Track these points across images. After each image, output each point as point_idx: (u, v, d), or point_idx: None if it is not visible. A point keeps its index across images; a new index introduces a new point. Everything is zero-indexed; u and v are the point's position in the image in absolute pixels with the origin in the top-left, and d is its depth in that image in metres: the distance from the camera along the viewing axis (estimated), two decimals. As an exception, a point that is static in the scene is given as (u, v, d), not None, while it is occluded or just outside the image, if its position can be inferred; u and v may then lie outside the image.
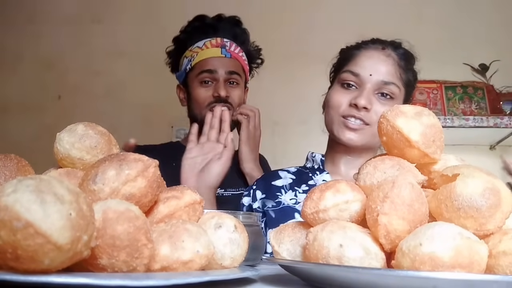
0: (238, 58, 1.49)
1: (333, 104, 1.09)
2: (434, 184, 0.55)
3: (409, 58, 1.13)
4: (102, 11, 2.50)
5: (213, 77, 1.43)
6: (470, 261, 0.42)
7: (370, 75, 1.06)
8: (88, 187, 0.46)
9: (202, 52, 1.45)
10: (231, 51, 1.47)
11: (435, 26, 2.37)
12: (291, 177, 1.17)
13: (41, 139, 2.16)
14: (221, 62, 1.43)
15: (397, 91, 1.08)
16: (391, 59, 1.09)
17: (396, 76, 1.08)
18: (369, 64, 1.08)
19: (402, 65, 1.10)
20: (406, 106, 0.57)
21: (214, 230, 0.51)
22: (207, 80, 1.43)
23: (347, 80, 1.08)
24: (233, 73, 1.45)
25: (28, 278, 0.34)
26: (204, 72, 1.43)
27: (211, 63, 1.43)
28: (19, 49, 2.47)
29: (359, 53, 1.11)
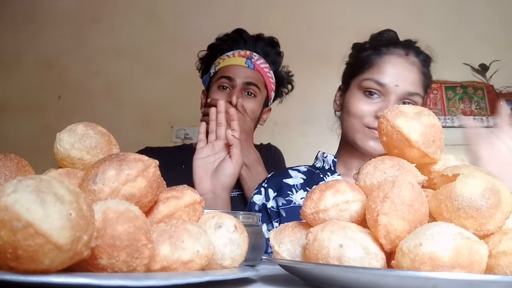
0: (261, 72, 1.46)
1: (355, 113, 1.07)
2: (434, 184, 0.55)
3: (429, 62, 1.12)
4: (102, 11, 2.50)
5: (231, 84, 1.42)
6: (470, 261, 0.42)
7: (396, 86, 1.04)
8: (88, 187, 0.46)
9: (228, 60, 1.45)
10: (256, 64, 1.45)
11: (435, 26, 2.38)
12: (302, 177, 1.15)
13: (41, 139, 2.17)
14: (242, 71, 1.42)
15: (420, 100, 1.07)
16: (415, 67, 1.07)
17: (420, 85, 1.07)
18: (395, 73, 1.05)
19: (425, 71, 1.09)
20: (406, 106, 0.57)
21: (214, 230, 0.51)
22: (225, 85, 1.42)
23: (370, 89, 1.05)
24: (251, 84, 1.42)
25: (28, 278, 0.34)
26: (223, 77, 1.43)
27: (232, 70, 1.43)
28: (19, 49, 2.47)
29: (383, 60, 1.07)
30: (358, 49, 1.15)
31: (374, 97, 1.05)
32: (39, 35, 2.47)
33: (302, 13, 2.40)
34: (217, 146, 1.15)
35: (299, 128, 2.33)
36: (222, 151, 1.14)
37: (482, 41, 2.33)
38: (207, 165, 1.12)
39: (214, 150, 1.14)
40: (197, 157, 1.13)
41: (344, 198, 0.53)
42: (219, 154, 1.14)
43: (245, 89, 1.42)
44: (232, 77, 1.41)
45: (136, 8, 2.51)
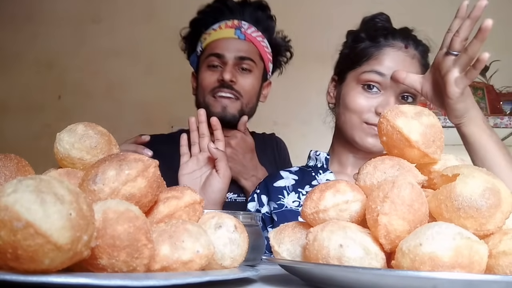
0: (255, 42, 1.30)
1: (354, 108, 1.02)
2: (434, 184, 0.55)
3: (427, 53, 1.08)
4: (102, 11, 2.50)
5: (221, 61, 1.26)
6: (470, 261, 0.42)
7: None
8: (88, 187, 0.46)
9: (214, 33, 1.29)
10: (247, 33, 1.29)
11: (435, 26, 2.37)
12: (294, 178, 1.12)
13: (41, 139, 2.16)
14: (232, 44, 1.27)
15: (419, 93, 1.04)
16: (416, 61, 1.04)
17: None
18: (396, 67, 1.00)
19: (423, 63, 1.06)
20: (406, 106, 0.57)
21: (214, 230, 0.51)
22: (215, 64, 1.27)
23: (371, 81, 1.01)
24: (245, 59, 1.27)
25: (28, 278, 0.34)
26: (211, 55, 1.27)
27: (220, 45, 1.27)
28: (19, 49, 2.47)
29: (382, 52, 1.03)
30: (353, 39, 1.10)
31: (373, 91, 1.01)
32: (39, 35, 2.47)
33: (301, 13, 2.40)
34: (202, 159, 1.07)
35: (299, 128, 2.33)
36: (208, 165, 1.07)
37: (482, 41, 2.32)
38: (194, 181, 1.05)
39: (199, 163, 1.07)
40: (183, 173, 1.06)
41: (344, 198, 0.53)
42: (205, 168, 1.07)
43: (238, 64, 1.27)
44: (222, 53, 1.26)
45: (135, 8, 2.51)
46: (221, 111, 1.24)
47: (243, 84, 1.26)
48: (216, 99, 1.25)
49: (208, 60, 1.28)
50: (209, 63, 1.27)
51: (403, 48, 1.04)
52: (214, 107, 1.25)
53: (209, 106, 1.25)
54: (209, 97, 1.26)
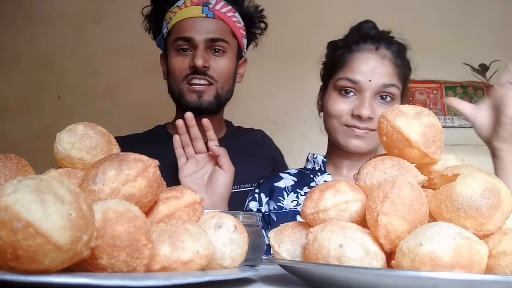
0: (226, 19, 1.20)
1: (334, 114, 1.07)
2: (434, 184, 0.55)
3: (402, 52, 1.10)
4: (102, 11, 2.50)
5: (191, 45, 1.18)
6: (470, 261, 0.42)
7: (370, 81, 1.04)
8: (88, 187, 0.46)
9: (180, 12, 1.19)
10: (215, 10, 1.19)
11: (435, 26, 2.37)
12: (293, 179, 1.15)
13: (41, 139, 2.16)
14: (201, 25, 1.17)
15: (397, 91, 1.07)
16: (387, 60, 1.06)
17: (395, 76, 1.06)
18: (367, 70, 1.05)
19: (398, 62, 1.08)
20: (406, 106, 0.57)
21: (214, 230, 0.51)
22: (184, 47, 1.18)
23: (345, 87, 1.06)
24: (217, 40, 1.18)
25: (28, 278, 0.34)
26: (179, 39, 1.18)
27: (188, 27, 1.17)
28: (18, 49, 2.47)
29: (354, 57, 1.07)
30: (332, 47, 1.14)
31: (350, 95, 1.06)
32: (39, 35, 2.47)
33: (300, 13, 2.40)
34: (201, 160, 1.05)
35: (299, 128, 2.33)
36: (208, 163, 1.05)
37: (482, 41, 2.33)
38: (198, 181, 1.04)
39: (198, 164, 1.05)
40: (184, 175, 1.03)
41: (344, 198, 0.53)
42: (206, 168, 1.05)
43: (210, 47, 1.18)
44: (190, 36, 1.16)
45: (136, 8, 2.50)
46: (197, 99, 1.18)
47: (217, 68, 1.19)
48: (190, 86, 1.18)
49: (176, 44, 1.19)
50: (178, 47, 1.19)
51: (373, 50, 1.07)
52: (188, 96, 1.19)
53: (184, 95, 1.19)
54: (182, 85, 1.19)
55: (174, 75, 1.21)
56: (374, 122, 1.03)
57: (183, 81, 1.19)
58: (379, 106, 1.05)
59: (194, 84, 1.18)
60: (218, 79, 1.20)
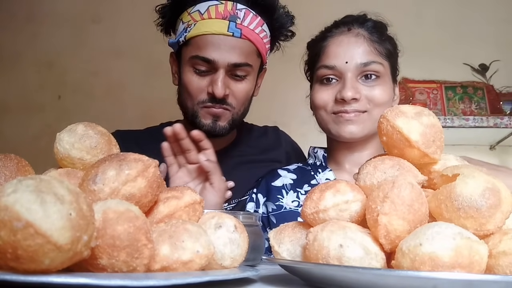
0: (253, 39, 1.07)
1: (319, 104, 1.04)
2: (434, 184, 0.55)
3: (380, 28, 1.06)
4: (102, 11, 2.50)
5: (210, 66, 1.05)
6: (470, 261, 0.42)
7: (346, 63, 1.00)
8: (88, 187, 0.46)
9: (202, 24, 1.05)
10: (243, 27, 1.05)
11: (435, 26, 2.37)
12: (292, 177, 1.11)
13: (41, 139, 2.16)
14: (225, 45, 1.04)
15: (381, 67, 1.02)
16: (361, 37, 1.03)
17: (373, 52, 1.02)
18: (341, 52, 1.01)
19: (375, 38, 1.04)
20: (406, 106, 0.57)
21: (214, 230, 0.51)
22: (202, 69, 1.06)
23: (325, 76, 1.02)
24: (240, 65, 1.06)
25: (28, 278, 0.34)
26: (198, 58, 1.05)
27: (210, 46, 1.03)
28: (18, 49, 2.47)
29: (327, 43, 1.04)
30: (309, 44, 1.12)
31: (332, 82, 1.02)
32: (39, 35, 2.47)
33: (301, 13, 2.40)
34: (193, 170, 0.98)
35: (299, 128, 2.32)
36: (200, 176, 0.98)
37: (482, 41, 2.33)
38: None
39: (191, 175, 0.98)
40: (176, 184, 0.96)
41: (344, 198, 0.53)
42: (198, 180, 0.98)
43: (231, 71, 1.06)
44: (212, 59, 1.03)
45: (136, 8, 2.50)
46: (211, 123, 1.10)
47: (236, 93, 1.09)
48: (206, 109, 1.09)
49: (193, 62, 1.06)
50: (196, 66, 1.06)
51: (346, 32, 1.05)
52: (204, 118, 1.10)
53: (198, 116, 1.10)
54: (198, 107, 1.10)
55: (188, 94, 1.10)
56: (362, 103, 1.00)
57: (198, 103, 1.09)
58: (364, 86, 1.01)
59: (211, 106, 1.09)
60: (236, 106, 1.11)
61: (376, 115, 1.00)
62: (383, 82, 1.03)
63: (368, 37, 1.03)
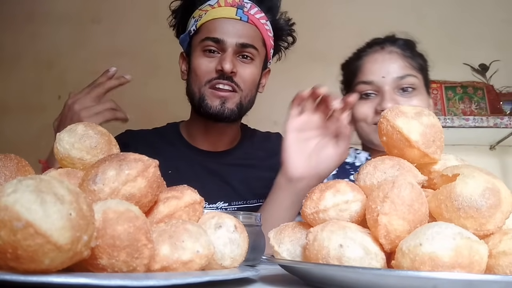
0: (259, 25, 1.14)
1: (359, 117, 1.09)
2: (434, 184, 0.55)
3: (411, 45, 1.13)
4: (102, 11, 2.50)
5: (219, 47, 1.11)
6: (470, 261, 0.42)
7: (383, 77, 1.06)
8: (88, 187, 0.46)
9: (212, 11, 1.13)
10: (250, 14, 1.13)
11: (435, 26, 2.37)
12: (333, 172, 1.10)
13: (41, 139, 2.16)
14: (234, 27, 1.11)
15: (415, 80, 1.08)
16: (394, 54, 1.09)
17: (407, 67, 1.08)
18: (377, 68, 1.08)
19: (408, 54, 1.10)
20: (406, 106, 0.57)
21: (214, 230, 0.51)
22: (212, 49, 1.11)
23: (363, 91, 1.08)
24: (247, 46, 1.12)
25: (28, 278, 0.34)
26: (208, 39, 1.11)
27: (220, 27, 1.11)
28: (18, 49, 2.47)
29: (363, 62, 1.11)
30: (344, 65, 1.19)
31: (371, 97, 1.08)
32: (39, 35, 2.47)
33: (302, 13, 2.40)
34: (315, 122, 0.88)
35: (299, 128, 2.33)
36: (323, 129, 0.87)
37: (482, 41, 2.32)
38: (304, 143, 0.87)
39: (311, 123, 0.87)
40: (292, 126, 0.87)
41: (344, 198, 0.53)
42: (318, 131, 0.87)
43: (239, 52, 1.12)
44: (221, 39, 1.10)
45: (136, 8, 2.50)
46: (219, 105, 1.12)
47: (243, 75, 1.12)
48: (213, 91, 1.12)
49: (203, 44, 1.12)
50: (205, 48, 1.12)
51: (380, 50, 1.11)
52: (211, 100, 1.13)
53: (205, 99, 1.13)
54: (205, 88, 1.13)
55: (197, 76, 1.14)
56: None
57: (206, 84, 1.12)
58: (402, 98, 1.06)
59: (218, 89, 1.12)
60: (243, 88, 1.14)
61: None
62: (419, 94, 1.09)
63: (401, 53, 1.10)
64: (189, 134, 1.29)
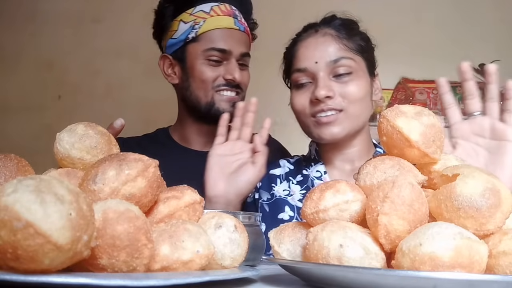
0: (248, 34, 1.24)
1: (297, 109, 1.04)
2: (434, 184, 0.55)
3: (348, 25, 1.06)
4: (102, 11, 2.50)
5: (224, 56, 1.18)
6: (470, 261, 0.42)
7: (316, 63, 0.99)
8: (88, 187, 0.46)
9: (212, 20, 1.18)
10: (243, 23, 1.22)
11: (435, 26, 2.37)
12: (289, 167, 1.13)
13: (41, 139, 2.16)
14: (236, 39, 1.19)
15: (352, 62, 1.00)
16: (328, 36, 1.02)
17: (342, 49, 1.01)
18: (310, 53, 1.01)
19: (343, 35, 1.03)
20: (406, 106, 0.57)
21: (214, 230, 0.51)
22: (217, 59, 1.18)
23: (299, 80, 1.03)
24: (246, 55, 1.22)
25: (28, 278, 0.34)
26: (214, 49, 1.17)
27: (225, 38, 1.18)
28: (19, 49, 2.47)
29: (297, 47, 1.05)
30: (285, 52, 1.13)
31: (306, 85, 1.02)
32: (39, 35, 2.47)
33: (300, 12, 2.40)
34: (238, 147, 0.99)
35: (299, 128, 2.32)
36: (243, 154, 0.99)
37: (482, 41, 2.33)
38: (225, 165, 0.96)
39: (233, 149, 0.99)
40: (215, 152, 0.98)
41: (344, 198, 0.53)
42: (238, 156, 0.98)
43: (239, 60, 1.20)
44: (228, 50, 1.17)
45: (136, 8, 2.50)
46: (229, 108, 1.17)
47: (244, 81, 1.22)
48: (221, 96, 1.19)
49: (208, 54, 1.17)
50: (210, 58, 1.17)
51: (313, 33, 1.05)
52: (221, 105, 1.18)
53: (215, 103, 1.19)
54: (213, 93, 1.18)
55: (203, 83, 1.18)
56: (337, 101, 0.98)
57: (212, 89, 1.18)
58: (337, 83, 1.00)
59: (226, 95, 1.19)
60: (244, 91, 1.24)
61: (353, 112, 1.00)
62: (357, 77, 1.01)
63: (335, 35, 1.03)
64: (182, 137, 1.31)
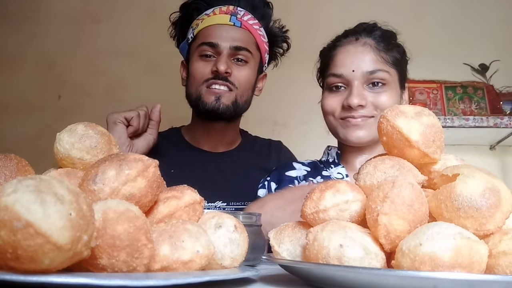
0: (252, 30, 1.22)
1: (327, 110, 1.09)
2: (434, 184, 0.55)
3: (388, 37, 1.10)
4: (102, 11, 2.50)
5: (215, 51, 1.19)
6: (470, 261, 0.42)
7: (353, 71, 1.04)
8: (88, 187, 0.46)
9: (208, 19, 1.21)
10: (243, 20, 1.21)
11: (435, 26, 2.37)
12: (306, 169, 1.15)
13: (41, 139, 2.16)
14: (227, 32, 1.19)
15: (387, 75, 1.05)
16: (368, 46, 1.06)
17: (379, 61, 1.05)
18: (349, 61, 1.05)
19: (382, 47, 1.07)
20: (406, 106, 0.57)
21: (214, 230, 0.51)
22: (208, 53, 1.19)
23: (333, 83, 1.07)
24: (241, 49, 1.19)
25: (28, 278, 0.34)
26: (204, 44, 1.19)
27: (214, 33, 1.19)
28: (19, 49, 2.47)
29: (336, 52, 1.09)
30: (321, 53, 1.17)
31: (341, 90, 1.07)
32: (39, 35, 2.47)
33: (301, 12, 2.40)
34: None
35: (299, 128, 2.33)
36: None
37: (482, 41, 2.33)
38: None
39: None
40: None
41: (344, 198, 0.53)
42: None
43: (233, 55, 1.19)
44: (216, 43, 1.18)
45: (135, 8, 2.50)
46: (214, 101, 1.18)
47: (238, 76, 1.19)
48: (209, 89, 1.19)
49: (200, 49, 1.20)
50: (202, 53, 1.20)
51: (353, 41, 1.08)
52: (206, 98, 1.19)
53: (201, 97, 1.20)
54: (201, 88, 1.19)
55: (194, 78, 1.21)
56: (368, 109, 1.04)
57: (202, 84, 1.19)
58: (370, 92, 1.04)
59: (213, 88, 1.19)
60: (239, 87, 1.20)
61: None
62: (389, 89, 1.06)
63: (375, 46, 1.07)
64: (191, 137, 1.33)
